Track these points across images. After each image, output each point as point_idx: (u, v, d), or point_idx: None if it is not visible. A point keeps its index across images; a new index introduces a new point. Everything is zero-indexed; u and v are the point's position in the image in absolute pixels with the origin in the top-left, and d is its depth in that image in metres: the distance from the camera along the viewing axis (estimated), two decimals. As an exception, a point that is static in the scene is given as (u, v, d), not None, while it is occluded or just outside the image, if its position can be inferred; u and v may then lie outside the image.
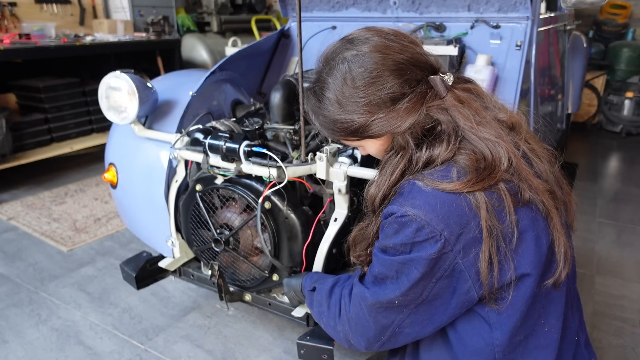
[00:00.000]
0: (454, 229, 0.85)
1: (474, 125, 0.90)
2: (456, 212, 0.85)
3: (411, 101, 0.92)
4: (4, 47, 3.47)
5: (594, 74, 5.28)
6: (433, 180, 0.88)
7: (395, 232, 0.90)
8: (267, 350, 1.99)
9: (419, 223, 0.86)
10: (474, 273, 0.87)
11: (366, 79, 0.91)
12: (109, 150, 2.08)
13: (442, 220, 0.85)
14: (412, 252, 0.88)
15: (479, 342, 0.93)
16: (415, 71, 0.93)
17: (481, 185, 0.86)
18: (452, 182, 0.86)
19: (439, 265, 0.87)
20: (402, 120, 0.92)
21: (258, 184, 1.59)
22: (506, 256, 0.87)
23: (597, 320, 2.18)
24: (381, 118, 0.93)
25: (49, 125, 3.98)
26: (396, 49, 0.92)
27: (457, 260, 0.86)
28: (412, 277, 0.88)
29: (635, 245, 2.85)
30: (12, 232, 3.00)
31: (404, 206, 0.88)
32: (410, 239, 0.87)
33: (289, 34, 2.64)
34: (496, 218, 0.86)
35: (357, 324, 1.01)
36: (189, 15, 5.59)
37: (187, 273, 1.93)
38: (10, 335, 2.08)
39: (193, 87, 1.92)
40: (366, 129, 0.95)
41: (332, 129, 0.99)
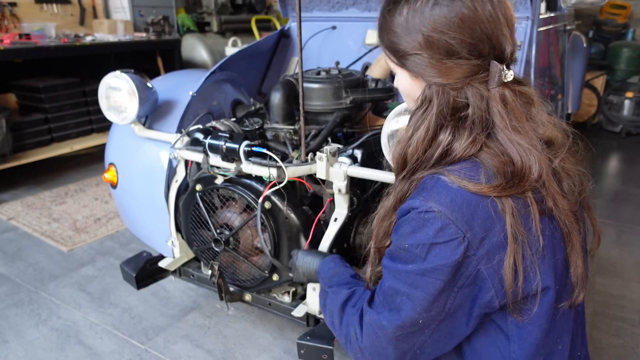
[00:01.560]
0: (478, 231, 0.80)
1: (508, 126, 0.84)
2: (481, 214, 0.80)
3: (461, 66, 0.85)
4: (4, 47, 3.47)
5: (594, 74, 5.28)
6: (460, 178, 0.82)
7: (413, 231, 0.83)
8: (267, 350, 1.99)
9: (444, 221, 0.79)
10: (497, 281, 0.81)
11: (443, 16, 0.84)
12: (109, 150, 2.08)
13: (467, 221, 0.79)
14: (429, 258, 0.81)
15: (494, 355, 0.89)
16: (486, 46, 0.85)
17: (509, 192, 0.81)
18: (480, 183, 0.81)
19: (461, 271, 0.81)
20: (439, 74, 0.86)
21: (258, 184, 1.59)
22: (532, 265, 0.82)
23: (597, 320, 2.18)
24: (424, 57, 0.86)
25: (49, 125, 3.97)
26: (487, 13, 0.84)
27: (480, 266, 0.81)
28: (433, 289, 0.81)
29: (635, 245, 2.85)
30: (12, 232, 3.00)
31: (429, 201, 0.81)
32: (430, 239, 0.80)
33: (289, 34, 2.64)
34: (522, 224, 0.81)
35: (372, 353, 0.92)
36: (189, 15, 5.59)
37: (187, 273, 1.93)
38: (10, 335, 2.08)
39: (193, 87, 1.92)
40: (406, 56, 0.88)
41: (385, 36, 0.92)
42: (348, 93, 1.80)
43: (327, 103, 1.81)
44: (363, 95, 1.83)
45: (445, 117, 0.87)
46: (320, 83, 1.80)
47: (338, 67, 2.02)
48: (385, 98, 1.89)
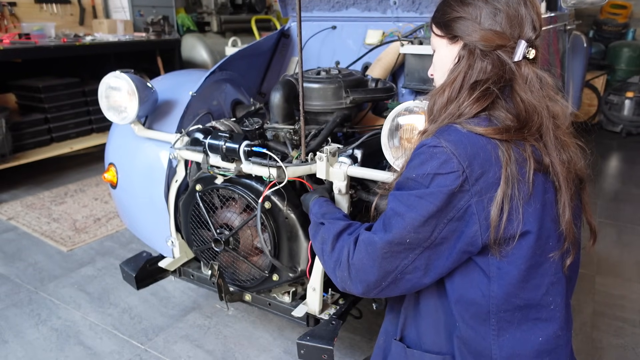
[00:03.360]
0: (476, 169, 0.91)
1: (523, 89, 0.97)
2: (483, 154, 0.91)
3: (496, 34, 0.98)
4: (3, 47, 3.47)
5: (594, 74, 5.28)
6: (469, 125, 0.94)
7: (421, 163, 0.94)
8: (267, 350, 1.99)
9: (448, 155, 0.91)
10: (483, 218, 0.91)
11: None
12: (109, 150, 2.08)
13: (468, 158, 0.91)
14: (432, 185, 0.92)
15: (475, 293, 0.97)
16: (518, 28, 0.99)
17: (510, 136, 0.92)
18: (485, 127, 0.93)
19: (454, 203, 0.91)
20: (478, 36, 0.99)
21: (258, 183, 1.59)
22: (517, 207, 0.91)
23: (597, 320, 2.18)
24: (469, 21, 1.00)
25: (49, 125, 3.98)
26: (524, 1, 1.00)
27: (471, 201, 0.91)
28: (425, 211, 0.92)
29: (635, 245, 2.85)
30: (12, 232, 3.00)
31: (439, 139, 0.94)
32: (434, 169, 0.92)
33: (289, 34, 2.64)
34: (517, 170, 0.92)
35: (358, 270, 1.02)
36: (189, 15, 5.59)
37: (187, 273, 1.93)
38: (10, 335, 2.08)
39: (193, 87, 1.92)
40: (454, 22, 1.02)
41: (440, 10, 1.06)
42: (348, 93, 1.80)
43: (327, 103, 1.81)
44: (363, 95, 1.83)
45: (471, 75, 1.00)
46: (320, 83, 1.80)
47: (338, 67, 2.02)
48: (385, 98, 1.89)
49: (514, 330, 0.97)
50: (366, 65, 2.38)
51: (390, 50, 2.23)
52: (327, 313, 1.60)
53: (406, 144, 1.34)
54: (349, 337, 2.06)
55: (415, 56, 2.07)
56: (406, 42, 2.12)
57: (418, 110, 1.28)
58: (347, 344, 2.03)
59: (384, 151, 1.38)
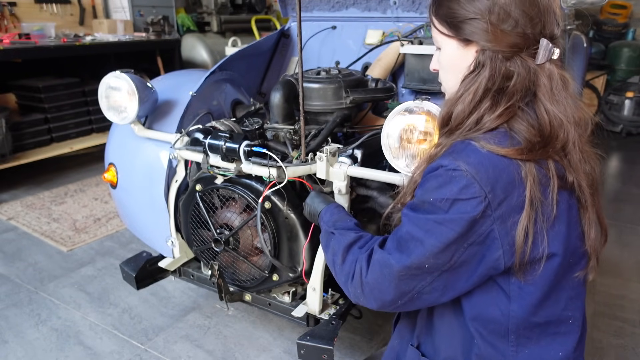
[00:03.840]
0: (499, 193, 0.85)
1: (550, 98, 0.90)
2: (506, 178, 0.86)
3: (516, 35, 0.89)
4: (4, 47, 3.47)
5: (594, 74, 5.28)
6: (488, 143, 0.87)
7: (439, 186, 0.88)
8: (267, 350, 1.99)
9: (469, 180, 0.85)
10: (507, 242, 0.87)
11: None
12: (109, 150, 2.08)
13: (491, 182, 0.85)
14: (452, 210, 0.86)
15: (494, 312, 0.94)
16: (540, 24, 0.90)
17: (533, 155, 0.87)
18: (506, 147, 0.87)
19: (476, 229, 0.86)
20: (496, 41, 0.90)
21: (258, 184, 1.59)
22: (542, 230, 0.87)
23: (597, 320, 2.18)
24: (483, 22, 0.90)
25: (49, 125, 3.97)
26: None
27: (494, 226, 0.86)
28: (445, 238, 0.87)
29: (635, 245, 2.85)
30: (12, 232, 3.00)
31: (457, 160, 0.87)
32: (454, 194, 0.86)
33: (289, 34, 2.64)
34: (540, 191, 0.87)
35: (373, 289, 0.98)
36: (189, 15, 5.59)
37: (187, 273, 1.93)
38: (10, 335, 2.08)
39: (193, 87, 1.92)
40: (464, 21, 0.92)
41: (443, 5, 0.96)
42: (348, 93, 1.80)
43: (327, 103, 1.81)
44: (363, 95, 1.83)
45: (494, 83, 0.91)
46: (320, 83, 1.80)
47: (338, 67, 2.02)
48: (385, 98, 1.89)
49: (533, 345, 0.94)
50: (366, 65, 2.38)
51: (390, 50, 2.23)
52: (327, 313, 1.60)
53: (406, 144, 1.33)
54: (349, 337, 2.06)
55: (415, 56, 2.07)
56: (406, 42, 2.12)
57: (418, 110, 1.28)
58: (347, 344, 2.03)
59: (384, 151, 1.38)
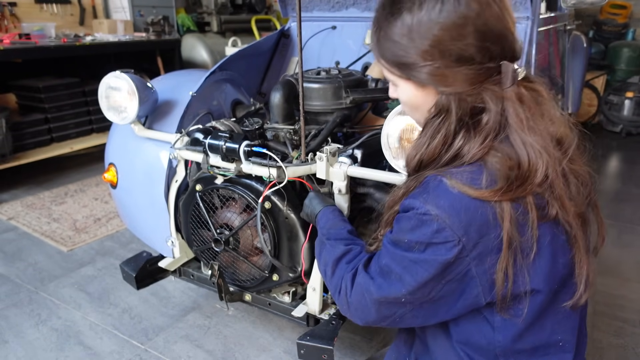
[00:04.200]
0: (473, 236, 0.82)
1: (524, 127, 0.83)
2: (479, 220, 0.81)
3: (474, 71, 0.83)
4: (4, 47, 3.47)
5: (594, 74, 5.28)
6: (461, 183, 0.82)
7: (412, 228, 0.86)
8: (267, 350, 1.99)
9: (440, 224, 0.82)
10: (485, 281, 0.84)
11: (450, 22, 0.81)
12: (109, 150, 2.08)
13: (464, 226, 0.81)
14: (426, 252, 0.84)
15: (480, 340, 0.93)
16: (497, 46, 0.84)
17: (510, 195, 0.81)
18: (480, 188, 0.81)
19: (451, 269, 0.84)
20: (454, 82, 0.84)
21: (258, 184, 1.59)
22: (522, 269, 0.84)
23: (597, 320, 2.18)
24: (436, 68, 0.84)
25: (49, 125, 3.97)
26: (495, 14, 0.83)
27: (471, 266, 0.84)
28: (420, 278, 0.86)
29: (635, 245, 2.85)
30: (12, 232, 3.00)
31: (428, 203, 0.83)
32: (427, 238, 0.83)
33: (289, 34, 2.64)
34: (518, 231, 0.82)
35: (357, 309, 0.98)
36: (189, 15, 5.59)
37: (187, 273, 1.93)
38: (10, 335, 2.08)
39: (193, 87, 1.92)
40: (415, 68, 0.86)
41: (385, 48, 0.89)
42: (348, 93, 1.80)
43: (327, 103, 1.81)
44: (363, 95, 1.83)
45: (463, 124, 0.87)
46: (320, 83, 1.80)
47: (338, 67, 2.02)
48: (386, 98, 1.88)
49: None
50: (366, 65, 2.38)
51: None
52: (327, 313, 1.60)
53: (406, 144, 1.33)
54: (349, 337, 2.06)
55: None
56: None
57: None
58: (347, 344, 2.03)
59: (384, 151, 1.39)
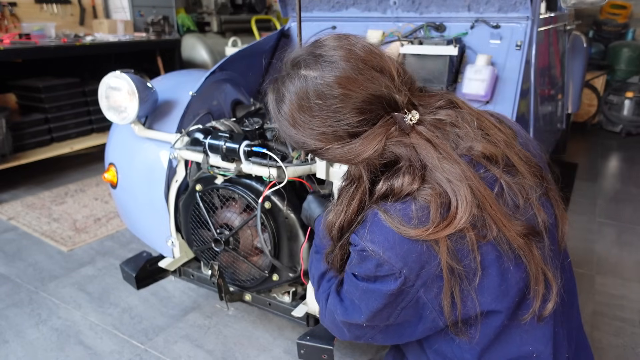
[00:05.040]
0: (414, 266, 0.82)
1: (438, 164, 0.83)
2: (415, 251, 0.82)
3: (369, 137, 0.85)
4: (4, 47, 3.47)
5: (594, 74, 5.28)
6: (394, 221, 0.82)
7: (358, 262, 0.89)
8: (267, 350, 1.99)
9: (378, 260, 0.84)
10: (437, 305, 0.85)
11: (323, 110, 0.84)
12: (109, 150, 2.08)
13: (401, 258, 0.82)
14: (375, 284, 0.87)
15: (450, 354, 0.94)
16: (378, 109, 0.85)
17: (442, 233, 0.80)
18: (412, 227, 0.81)
19: (401, 297, 0.86)
20: (358, 153, 0.86)
21: (258, 183, 1.60)
22: (469, 293, 0.84)
23: (597, 320, 2.18)
24: (335, 149, 0.87)
25: (49, 125, 3.97)
26: (361, 85, 0.83)
27: (420, 294, 0.85)
28: (374, 307, 0.89)
29: (635, 245, 2.85)
30: (12, 232, 3.00)
31: (363, 240, 0.86)
32: (372, 272, 0.86)
33: (289, 34, 2.64)
34: (457, 258, 0.82)
35: (332, 328, 1.05)
36: (189, 15, 5.59)
37: (187, 273, 1.93)
38: (10, 335, 2.08)
39: (193, 87, 1.92)
40: (321, 153, 0.90)
41: (289, 140, 0.94)
42: (348, 93, 1.80)
43: (327, 103, 1.81)
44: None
45: (376, 179, 0.89)
46: (320, 83, 1.80)
47: (338, 67, 2.02)
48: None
49: None
50: (366, 65, 2.38)
51: (390, 50, 2.24)
52: (327, 313, 1.60)
53: None
54: (349, 337, 2.06)
55: (415, 56, 2.07)
56: (406, 42, 2.12)
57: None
58: (347, 343, 2.03)
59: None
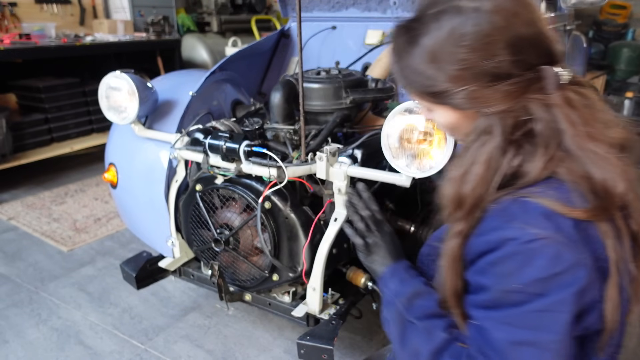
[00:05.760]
0: (588, 255, 0.70)
1: (580, 133, 0.73)
2: (588, 236, 0.71)
3: (514, 85, 0.75)
4: (4, 47, 3.48)
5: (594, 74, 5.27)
6: (552, 201, 0.71)
7: (520, 267, 0.70)
8: (267, 350, 1.99)
9: (557, 247, 0.68)
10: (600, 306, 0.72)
11: (476, 41, 0.74)
12: (109, 150, 2.08)
13: (582, 244, 0.70)
14: (550, 292, 0.68)
15: None
16: (532, 54, 0.76)
17: (605, 215, 0.71)
18: (575, 207, 0.70)
19: (584, 300, 0.70)
20: (495, 102, 0.76)
21: (258, 183, 1.59)
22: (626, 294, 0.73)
23: None
24: (472, 91, 0.76)
25: (49, 125, 3.98)
26: (523, 20, 0.75)
27: (596, 293, 0.71)
28: (560, 326, 0.69)
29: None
30: (12, 232, 3.00)
31: (530, 228, 0.69)
32: (546, 270, 0.68)
33: (289, 34, 2.64)
34: (620, 248, 0.72)
35: None
36: (189, 15, 5.59)
37: (187, 273, 1.93)
38: (11, 335, 2.08)
39: (193, 87, 1.92)
40: (449, 95, 0.79)
41: (411, 79, 0.83)
42: (348, 93, 1.80)
43: (327, 103, 1.81)
44: (363, 95, 1.83)
45: (510, 143, 0.77)
46: (320, 83, 1.80)
47: (338, 67, 2.02)
48: (385, 98, 1.89)
49: None
50: (366, 65, 2.38)
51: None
52: (327, 313, 1.60)
53: (406, 144, 1.33)
54: (349, 337, 2.06)
55: (415, 56, 2.07)
56: (406, 42, 2.11)
57: (418, 110, 1.28)
58: (347, 344, 2.03)
59: (384, 151, 1.39)
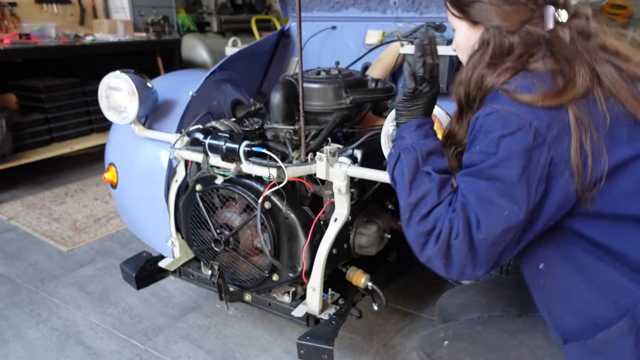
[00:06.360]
0: (543, 118, 0.84)
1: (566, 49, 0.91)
2: (542, 109, 0.85)
3: (518, 11, 0.93)
4: (4, 47, 3.47)
5: (594, 74, 5.28)
6: (515, 91, 0.88)
7: (483, 134, 0.88)
8: (267, 350, 1.99)
9: (507, 114, 0.85)
10: (568, 162, 0.85)
11: None
12: (109, 150, 2.08)
13: (530, 111, 0.84)
14: (501, 150, 0.85)
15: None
16: None
17: (563, 100, 0.85)
18: (532, 93, 0.86)
19: (535, 159, 0.84)
20: (498, 18, 0.94)
21: (258, 184, 1.60)
22: (599, 145, 0.84)
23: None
24: (487, 4, 0.95)
25: (49, 125, 3.97)
26: None
27: (552, 153, 0.84)
28: (510, 177, 0.84)
29: (635, 245, 2.85)
30: (12, 232, 3.00)
31: (492, 105, 0.89)
32: (498, 133, 0.86)
33: (289, 34, 2.64)
34: (585, 109, 0.85)
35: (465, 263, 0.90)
36: (189, 15, 5.59)
37: (187, 273, 1.93)
38: (11, 335, 2.08)
39: (193, 87, 1.92)
40: (471, 7, 0.97)
41: None
42: (348, 93, 1.80)
43: (327, 103, 1.81)
44: (363, 95, 1.83)
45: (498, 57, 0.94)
46: (320, 83, 1.80)
47: (338, 67, 2.02)
48: (385, 98, 1.89)
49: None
50: (366, 65, 2.38)
51: (390, 51, 2.23)
52: (327, 313, 1.60)
53: None
54: (349, 337, 2.06)
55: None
56: (406, 42, 2.12)
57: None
58: (347, 344, 2.03)
59: (383, 151, 1.39)
